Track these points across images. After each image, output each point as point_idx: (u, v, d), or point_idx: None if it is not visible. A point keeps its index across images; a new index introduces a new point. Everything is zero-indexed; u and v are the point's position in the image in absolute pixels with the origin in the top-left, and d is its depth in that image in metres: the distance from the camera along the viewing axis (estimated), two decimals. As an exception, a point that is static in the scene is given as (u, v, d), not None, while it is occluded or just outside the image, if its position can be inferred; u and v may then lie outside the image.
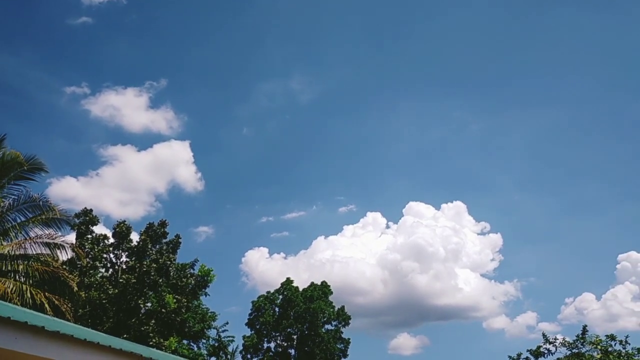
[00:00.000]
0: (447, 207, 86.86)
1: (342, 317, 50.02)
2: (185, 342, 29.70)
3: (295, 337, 49.34)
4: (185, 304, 28.69)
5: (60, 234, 21.06)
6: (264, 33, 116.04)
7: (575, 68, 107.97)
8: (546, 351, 25.95)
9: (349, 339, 49.96)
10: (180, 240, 30.39)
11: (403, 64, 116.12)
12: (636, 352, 24.55)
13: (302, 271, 72.53)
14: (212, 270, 30.27)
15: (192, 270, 30.43)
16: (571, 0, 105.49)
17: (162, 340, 26.61)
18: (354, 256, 78.96)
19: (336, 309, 50.21)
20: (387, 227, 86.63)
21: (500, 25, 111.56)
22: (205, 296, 30.78)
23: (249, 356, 48.32)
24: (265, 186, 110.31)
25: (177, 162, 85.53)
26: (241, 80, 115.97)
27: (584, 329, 25.51)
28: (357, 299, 77.46)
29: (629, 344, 24.74)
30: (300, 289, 50.38)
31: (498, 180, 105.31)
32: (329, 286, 51.10)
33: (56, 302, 19.20)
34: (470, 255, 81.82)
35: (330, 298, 50.71)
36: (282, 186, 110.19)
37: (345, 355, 49.47)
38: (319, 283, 51.27)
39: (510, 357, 27.20)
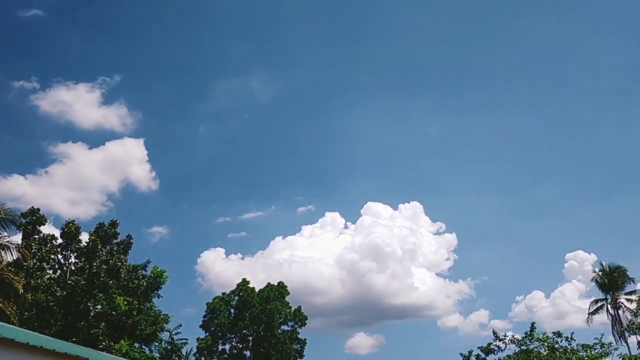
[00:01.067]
0: (405, 208, 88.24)
1: (299, 317, 50.00)
2: (136, 345, 29.07)
3: (250, 338, 49.02)
4: (137, 306, 28.07)
5: (5, 234, 20.35)
6: (223, 30, 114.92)
7: (529, 74, 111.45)
8: (496, 348, 26.67)
9: (305, 339, 50.04)
10: (132, 240, 29.74)
11: (363, 65, 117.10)
12: (580, 348, 25.50)
13: (260, 272, 72.21)
14: (165, 272, 29.75)
15: (144, 272, 29.82)
16: (527, 9, 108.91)
17: (112, 343, 25.96)
18: (312, 256, 79.15)
19: (293, 309, 50.16)
20: (346, 227, 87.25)
21: (460, 32, 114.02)
22: (158, 298, 30.22)
23: (203, 358, 47.71)
24: (223, 186, 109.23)
25: (130, 161, 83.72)
26: (199, 78, 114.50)
27: (532, 326, 26.33)
28: (315, 299, 77.69)
29: (574, 340, 25.72)
30: (257, 290, 50.12)
31: (454, 181, 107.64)
32: (286, 287, 51.01)
33: (0, 304, 18.49)
34: (426, 254, 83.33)
35: (287, 298, 50.63)
36: (240, 186, 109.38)
37: (302, 356, 49.47)
38: (276, 284, 51.13)
39: (462, 354, 27.81)
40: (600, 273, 52.93)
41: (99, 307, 27.41)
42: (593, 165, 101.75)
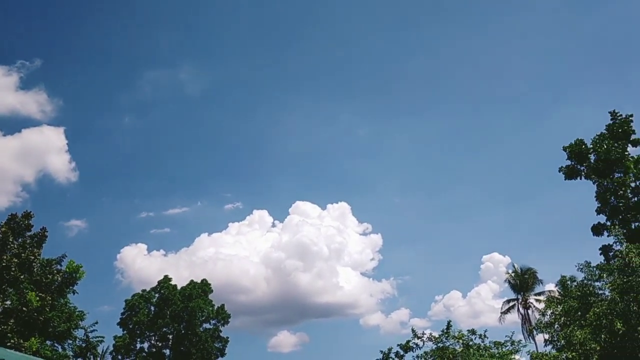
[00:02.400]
0: (333, 208, 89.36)
1: (222, 315, 49.33)
2: (48, 342, 27.63)
3: (171, 336, 47.87)
4: (50, 302, 26.68)
5: None
6: (151, 18, 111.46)
7: (454, 80, 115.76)
8: (414, 345, 27.49)
9: (227, 337, 49.46)
10: (46, 233, 28.24)
11: (295, 64, 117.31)
12: (493, 346, 26.77)
13: (183, 269, 70.83)
14: (81, 267, 28.45)
15: (59, 267, 28.37)
16: (453, 18, 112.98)
17: (22, 341, 24.54)
18: (238, 254, 78.49)
19: (216, 307, 49.42)
20: (273, 225, 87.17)
21: (388, 35, 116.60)
22: (74, 294, 28.85)
23: (119, 357, 46.14)
24: (147, 179, 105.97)
25: (48, 150, 79.56)
26: (124, 67, 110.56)
27: (449, 324, 27.35)
28: (240, 297, 77.09)
29: (487, 338, 26.99)
30: (179, 287, 48.98)
31: (381, 183, 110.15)
32: (209, 284, 50.18)
33: None
34: (352, 254, 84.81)
35: (211, 296, 49.86)
36: (165, 180, 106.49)
37: (223, 354, 48.87)
38: (200, 281, 50.18)
39: (382, 352, 28.43)
40: (512, 274, 55.80)
41: (9, 302, 25.84)
42: (509, 171, 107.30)
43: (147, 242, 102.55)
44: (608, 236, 26.74)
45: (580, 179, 28.78)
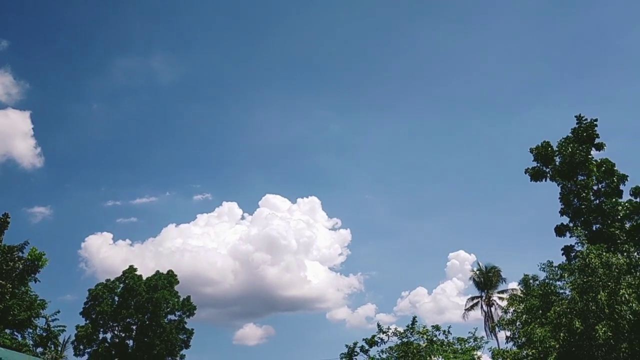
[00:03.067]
0: (303, 202, 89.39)
1: (187, 307, 48.90)
2: (7, 331, 27.00)
3: (134, 327, 47.25)
4: (11, 289, 26.04)
5: None
6: (125, 4, 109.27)
7: (426, 80, 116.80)
8: (379, 340, 27.80)
9: (192, 329, 49.08)
10: (8, 219, 27.50)
11: (270, 57, 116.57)
12: (456, 341, 27.25)
13: (149, 259, 69.92)
14: (44, 255, 27.80)
15: (20, 254, 27.68)
16: (430, 18, 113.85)
17: (-21, 329, 23.94)
18: (205, 245, 77.82)
19: (181, 299, 48.95)
20: (243, 217, 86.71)
21: (364, 32, 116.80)
22: (35, 282, 28.21)
23: (81, 347, 45.37)
24: (115, 167, 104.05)
25: (13, 134, 77.38)
26: (96, 52, 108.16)
27: (414, 320, 27.76)
28: (206, 289, 76.52)
29: (451, 334, 27.48)
30: (145, 278, 48.33)
31: (352, 179, 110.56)
32: (176, 275, 49.65)
33: None
34: (320, 249, 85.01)
35: (177, 288, 49.34)
36: (133, 169, 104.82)
37: (188, 346, 48.49)
38: (166, 272, 49.61)
39: (347, 346, 28.67)
40: (477, 272, 56.80)
41: (-34, 290, 25.13)
42: (478, 170, 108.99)
43: (113, 231, 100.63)
44: (570, 237, 27.47)
45: (546, 180, 29.39)
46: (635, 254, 23.81)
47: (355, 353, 28.27)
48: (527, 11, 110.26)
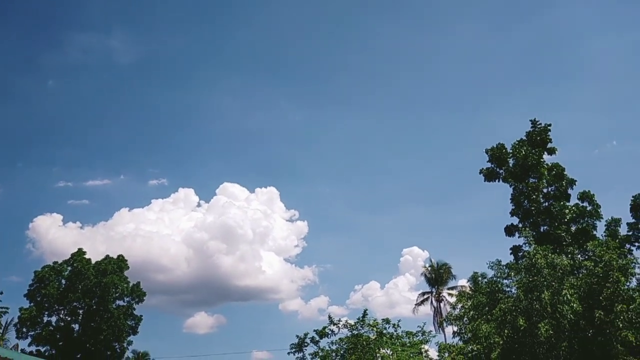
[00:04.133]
0: (261, 192, 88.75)
1: (137, 293, 47.98)
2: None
3: (81, 311, 46.12)
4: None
5: None
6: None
7: (387, 77, 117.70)
8: (330, 332, 28.07)
9: (141, 315, 48.18)
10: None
11: (232, 43, 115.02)
12: (404, 335, 27.77)
13: (100, 243, 68.20)
14: (-12, 234, 26.81)
15: (-37, 232, 26.61)
16: (392, 18, 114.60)
17: None
18: (159, 231, 76.45)
19: (131, 284, 48.01)
20: (199, 205, 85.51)
21: (330, 27, 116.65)
22: (-23, 262, 27.19)
23: (24, 329, 44.02)
24: (67, 147, 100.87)
25: (-42, 108, 73.89)
26: (51, 27, 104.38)
27: (364, 313, 28.15)
28: (158, 275, 75.30)
29: (400, 328, 28.00)
30: (94, 262, 47.16)
31: (311, 171, 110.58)
32: (126, 261, 48.63)
33: None
34: (276, 239, 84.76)
35: (127, 273, 48.34)
36: (87, 150, 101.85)
37: (136, 332, 47.66)
38: (116, 257, 48.54)
39: (297, 336, 28.82)
40: (429, 268, 57.90)
41: None
42: (434, 169, 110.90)
43: (63, 213, 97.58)
44: (519, 237, 28.27)
45: (499, 181, 30.13)
46: (579, 256, 24.80)
47: (306, 344, 28.44)
48: (489, 15, 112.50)
